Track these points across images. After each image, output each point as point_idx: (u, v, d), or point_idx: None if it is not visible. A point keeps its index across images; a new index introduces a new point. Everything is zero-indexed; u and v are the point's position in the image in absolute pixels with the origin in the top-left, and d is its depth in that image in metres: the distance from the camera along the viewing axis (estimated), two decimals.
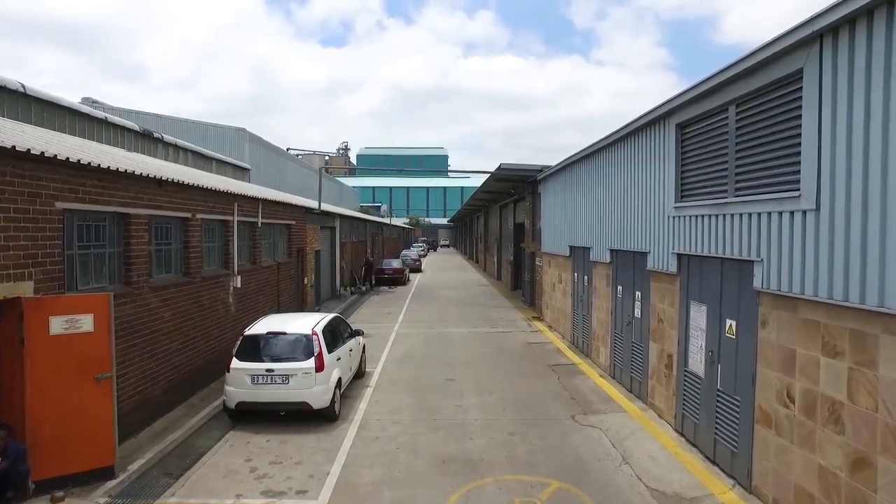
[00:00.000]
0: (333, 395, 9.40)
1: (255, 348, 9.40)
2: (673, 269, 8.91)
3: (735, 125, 7.07)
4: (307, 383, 9.10)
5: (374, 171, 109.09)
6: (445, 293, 28.57)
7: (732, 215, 6.97)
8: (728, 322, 7.25)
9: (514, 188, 25.41)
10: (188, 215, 10.72)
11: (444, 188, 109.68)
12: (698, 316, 8.12)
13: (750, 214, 6.58)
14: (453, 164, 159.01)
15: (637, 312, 10.75)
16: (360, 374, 12.24)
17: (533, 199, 21.99)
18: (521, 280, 26.96)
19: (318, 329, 9.71)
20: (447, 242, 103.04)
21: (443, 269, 47.03)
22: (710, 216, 7.60)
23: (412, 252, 46.82)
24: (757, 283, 6.45)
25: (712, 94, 7.49)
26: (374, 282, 32.15)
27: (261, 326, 9.88)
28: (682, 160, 8.77)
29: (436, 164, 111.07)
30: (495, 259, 37.66)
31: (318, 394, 9.15)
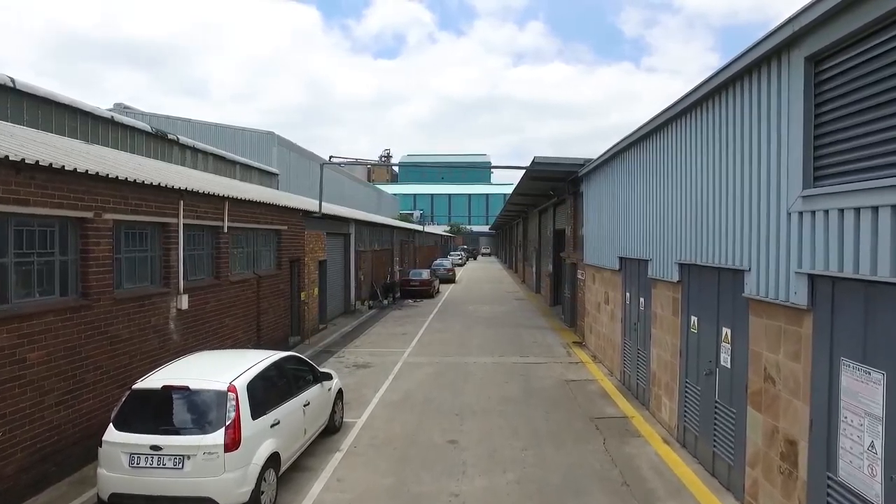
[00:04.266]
0: (257, 484, 6.20)
1: (143, 411, 6.30)
2: (799, 299, 5.35)
3: None
4: (212, 469, 5.92)
5: (417, 177, 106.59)
6: (475, 308, 25.16)
7: None
8: None
9: (553, 189, 21.86)
10: (87, 215, 7.79)
11: (487, 195, 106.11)
12: (863, 389, 4.54)
13: None
14: (498, 172, 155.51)
15: (725, 359, 7.17)
16: (332, 429, 9.07)
17: (574, 201, 18.43)
18: (560, 295, 23.33)
19: (241, 382, 6.50)
20: (488, 250, 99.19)
21: (478, 280, 43.53)
22: (892, 208, 4.07)
23: (446, 261, 43.34)
24: None
25: None
26: (398, 294, 29.11)
27: (160, 376, 6.73)
28: (815, 117, 5.23)
29: (478, 171, 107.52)
30: (534, 270, 33.99)
31: (228, 485, 5.95)
